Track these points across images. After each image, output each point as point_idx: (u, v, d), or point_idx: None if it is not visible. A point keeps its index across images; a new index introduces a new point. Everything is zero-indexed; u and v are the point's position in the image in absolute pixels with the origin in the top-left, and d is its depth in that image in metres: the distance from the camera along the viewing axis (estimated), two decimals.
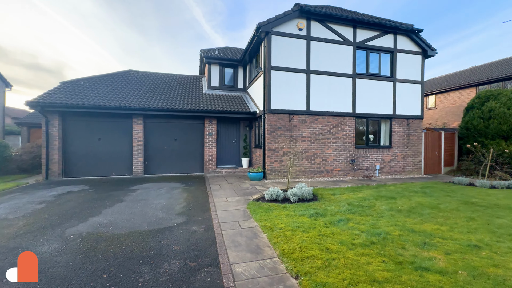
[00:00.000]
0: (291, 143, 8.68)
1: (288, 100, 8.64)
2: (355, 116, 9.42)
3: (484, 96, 10.48)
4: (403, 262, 2.83)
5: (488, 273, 2.59)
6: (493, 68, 15.16)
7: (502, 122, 9.35)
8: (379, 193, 6.64)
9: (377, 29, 9.61)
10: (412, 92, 10.28)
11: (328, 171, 9.12)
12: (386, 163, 9.92)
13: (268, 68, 8.39)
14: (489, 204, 5.56)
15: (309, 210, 4.84)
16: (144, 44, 72.30)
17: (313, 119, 8.94)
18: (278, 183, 7.85)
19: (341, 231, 3.79)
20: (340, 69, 9.22)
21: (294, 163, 8.69)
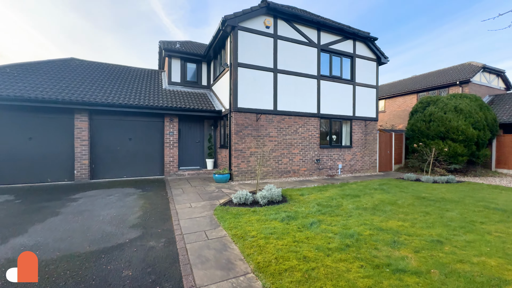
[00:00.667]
0: (259, 143, 8.44)
1: (255, 99, 8.39)
2: (319, 116, 9.66)
3: (425, 102, 11.82)
4: (379, 265, 2.75)
5: (457, 270, 2.66)
6: (430, 78, 17.38)
7: (440, 124, 10.63)
8: (344, 191, 6.82)
9: (338, 33, 10.03)
10: (368, 95, 11.03)
11: (295, 171, 9.16)
12: (347, 162, 10.43)
13: (235, 64, 8.00)
14: (436, 198, 6.13)
15: (280, 214, 4.62)
16: (93, 33, 64.38)
17: (280, 118, 8.87)
18: (246, 185, 7.53)
19: (315, 234, 3.64)
20: (305, 70, 9.34)
21: (262, 164, 8.47)
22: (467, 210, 5.08)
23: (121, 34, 71.80)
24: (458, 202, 5.70)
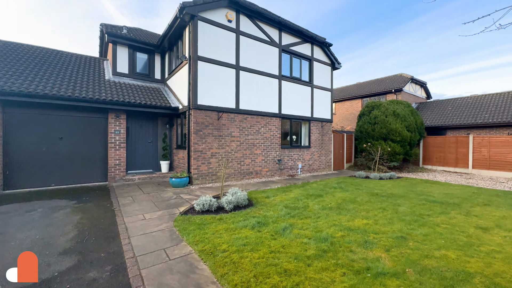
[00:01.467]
0: (220, 143, 7.94)
1: (217, 96, 7.86)
2: (281, 117, 9.68)
3: (370, 106, 13.12)
4: (360, 270, 2.67)
5: (427, 267, 2.77)
6: (372, 85, 19.54)
7: (383, 126, 11.92)
8: (307, 191, 6.90)
9: (298, 36, 10.25)
10: (324, 98, 11.63)
11: (257, 172, 8.95)
12: (306, 161, 10.76)
13: (194, 57, 7.33)
14: (387, 194, 6.70)
15: (249, 220, 4.29)
16: (19, 13, 52.41)
17: (243, 118, 8.54)
18: (207, 189, 6.95)
19: (290, 241, 3.42)
20: (268, 70, 9.23)
21: (226, 165, 7.99)
22: (413, 204, 5.64)
23: (51, 16, 60.63)
24: (404, 197, 6.33)
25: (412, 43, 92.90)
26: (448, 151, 12.44)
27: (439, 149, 12.77)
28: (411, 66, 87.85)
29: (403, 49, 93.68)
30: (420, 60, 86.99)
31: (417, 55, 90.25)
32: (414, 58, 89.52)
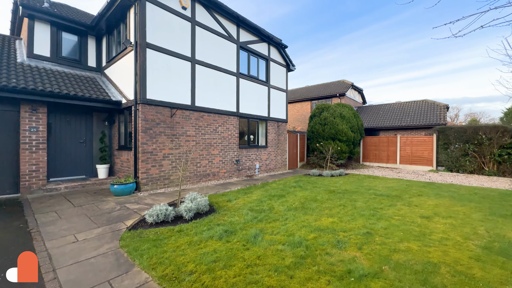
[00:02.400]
0: (174, 143, 7.10)
1: (170, 90, 7.00)
2: (239, 116, 9.35)
3: (320, 108, 14.02)
4: (342, 275, 2.56)
5: (398, 261, 2.85)
6: (319, 89, 21.08)
7: (331, 127, 12.86)
8: (268, 192, 6.76)
9: (256, 34, 10.11)
10: (280, 98, 11.83)
11: (215, 173, 8.40)
12: (263, 161, 10.70)
13: (142, 44, 6.33)
14: (342, 190, 7.11)
15: (215, 229, 3.81)
16: None
17: (199, 116, 7.86)
18: (160, 195, 6.07)
19: (264, 250, 3.12)
20: (225, 66, 8.77)
21: (179, 167, 7.19)
22: (366, 198, 6.09)
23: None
24: (357, 192, 6.81)
25: (348, 54, 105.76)
26: (381, 149, 14.28)
27: (375, 147, 14.55)
28: (350, 74, 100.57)
29: (342, 58, 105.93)
30: (357, 69, 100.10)
31: (354, 65, 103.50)
32: (352, 67, 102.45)
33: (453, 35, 2.66)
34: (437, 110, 15.03)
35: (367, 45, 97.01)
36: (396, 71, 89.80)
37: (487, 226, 4.09)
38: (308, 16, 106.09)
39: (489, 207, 5.31)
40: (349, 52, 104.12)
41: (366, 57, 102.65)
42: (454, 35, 2.65)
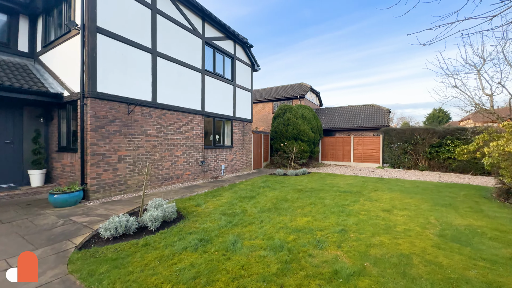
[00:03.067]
0: (132, 143, 6.30)
1: (127, 84, 6.18)
2: (204, 114, 8.87)
3: (284, 109, 14.39)
4: (330, 277, 2.53)
5: (376, 256, 2.98)
6: (280, 90, 21.69)
7: (294, 128, 13.32)
8: (238, 193, 6.55)
9: (222, 31, 9.76)
10: (245, 98, 11.70)
11: (178, 176, 7.78)
12: (229, 162, 10.41)
13: (92, 28, 5.43)
14: (308, 189, 7.34)
15: (187, 238, 3.45)
16: None
17: (161, 113, 7.16)
18: (115, 204, 5.28)
19: (247, 258, 2.92)
20: (190, 61, 8.21)
21: (139, 170, 6.41)
22: (332, 195, 6.39)
23: None
24: (323, 190, 7.11)
25: (303, 59, 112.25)
26: (338, 148, 15.41)
27: (332, 147, 15.62)
28: (306, 78, 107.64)
29: (298, 63, 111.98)
30: (312, 74, 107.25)
31: (309, 69, 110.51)
32: (307, 71, 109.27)
33: (421, 43, 2.90)
34: (382, 114, 16.95)
35: (321, 52, 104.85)
36: (344, 77, 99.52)
37: (435, 216, 4.66)
38: (267, 20, 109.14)
39: (431, 198, 6.12)
40: (305, 57, 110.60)
41: (320, 63, 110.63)
42: (422, 43, 2.89)
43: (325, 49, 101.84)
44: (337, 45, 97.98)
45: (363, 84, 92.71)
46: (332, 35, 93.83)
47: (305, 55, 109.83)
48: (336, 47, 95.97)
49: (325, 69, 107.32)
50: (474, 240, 3.51)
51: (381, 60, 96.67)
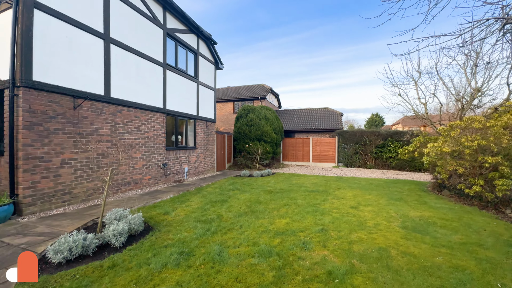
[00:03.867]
0: (79, 145, 5.31)
1: (73, 73, 5.19)
2: (166, 113, 8.14)
3: (247, 109, 14.35)
4: (327, 278, 2.53)
5: (359, 252, 3.12)
6: (241, 91, 21.63)
7: (258, 129, 13.40)
8: (207, 198, 6.20)
9: (184, 23, 9.14)
10: (209, 96, 11.23)
11: (137, 181, 6.93)
12: (192, 164, 9.81)
13: (28, 2, 4.36)
14: (278, 189, 7.41)
15: (164, 253, 3.04)
16: None
17: (115, 110, 6.26)
18: (60, 218, 4.35)
19: (238, 268, 2.71)
20: (150, 53, 7.42)
21: (85, 176, 5.43)
22: (302, 195, 6.58)
23: None
24: (292, 191, 7.27)
25: (260, 61, 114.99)
26: (298, 149, 16.15)
27: (292, 148, 16.29)
28: (263, 79, 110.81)
29: (254, 64, 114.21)
30: (268, 76, 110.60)
31: (265, 71, 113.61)
32: (263, 73, 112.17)
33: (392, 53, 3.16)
34: (336, 117, 18.49)
35: (276, 56, 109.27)
36: (296, 81, 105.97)
37: (394, 209, 5.22)
38: (223, 18, 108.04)
39: (385, 194, 6.87)
40: (261, 59, 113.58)
41: (274, 66, 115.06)
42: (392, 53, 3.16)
43: (280, 52, 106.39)
44: (290, 49, 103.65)
45: (314, 89, 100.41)
46: (286, 39, 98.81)
47: (261, 57, 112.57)
48: (289, 52, 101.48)
49: (279, 72, 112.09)
50: (430, 229, 4.03)
51: (330, 67, 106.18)
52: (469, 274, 2.61)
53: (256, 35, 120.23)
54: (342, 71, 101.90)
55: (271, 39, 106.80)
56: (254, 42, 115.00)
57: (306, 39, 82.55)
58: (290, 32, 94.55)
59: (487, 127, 5.74)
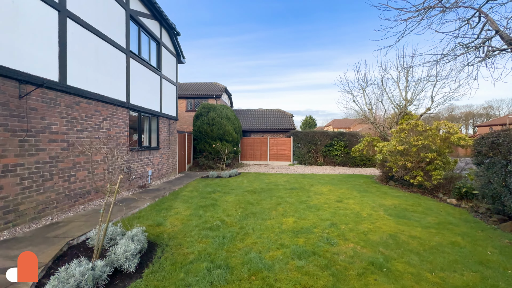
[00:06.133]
0: (26, 145, 4.00)
1: (18, 50, 3.87)
2: (129, 108, 6.98)
3: (207, 107, 13.70)
4: (374, 269, 2.74)
5: (378, 241, 3.49)
6: (194, 88, 20.48)
7: (219, 128, 12.99)
8: (190, 202, 5.72)
9: (148, 6, 8.03)
10: (171, 92, 10.22)
11: (98, 189, 5.70)
12: (156, 166, 8.73)
13: None
14: (259, 189, 7.41)
15: (198, 270, 2.68)
16: None
17: (73, 101, 4.99)
18: (14, 247, 3.16)
19: (290, 273, 2.65)
20: (112, 35, 6.21)
21: (35, 187, 4.14)
22: (287, 194, 6.78)
23: None
24: (273, 190, 7.38)
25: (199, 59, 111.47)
26: (256, 148, 16.46)
27: (250, 147, 16.50)
28: (211, 77, 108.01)
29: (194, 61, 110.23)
30: (213, 74, 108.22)
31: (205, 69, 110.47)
32: (202, 71, 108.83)
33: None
34: (288, 118, 19.71)
35: (216, 55, 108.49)
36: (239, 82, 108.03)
37: (370, 200, 6.01)
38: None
39: (352, 187, 7.81)
40: (203, 57, 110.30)
41: (215, 65, 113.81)
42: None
43: (222, 52, 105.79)
44: (232, 50, 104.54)
45: (253, 90, 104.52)
46: (228, 40, 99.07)
47: (203, 54, 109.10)
48: (232, 52, 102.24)
49: (222, 71, 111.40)
50: (407, 214, 4.84)
51: (267, 71, 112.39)
52: (464, 247, 3.31)
53: (198, 31, 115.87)
54: (278, 76, 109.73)
55: (212, 37, 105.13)
56: (195, 38, 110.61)
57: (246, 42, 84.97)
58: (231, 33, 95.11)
59: (426, 130, 7.28)
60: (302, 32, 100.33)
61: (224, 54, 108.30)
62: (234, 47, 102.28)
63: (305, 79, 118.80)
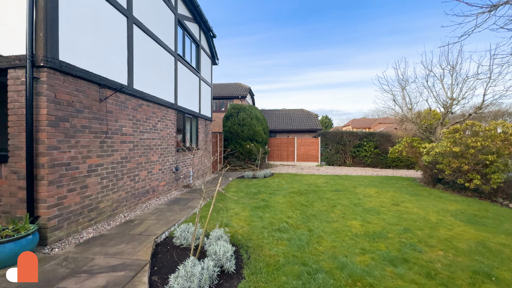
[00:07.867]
0: (105, 146, 4.20)
1: (99, 55, 4.06)
2: (176, 109, 7.15)
3: (237, 108, 13.81)
4: (485, 279, 2.59)
5: (469, 249, 3.31)
6: (220, 88, 20.74)
7: (250, 128, 13.04)
8: (242, 204, 5.74)
9: (191, 10, 8.19)
10: (207, 93, 10.39)
11: (154, 189, 5.89)
12: (196, 167, 8.91)
13: None
14: (303, 191, 7.32)
15: (297, 274, 2.64)
16: None
17: (137, 104, 5.19)
18: (107, 244, 3.32)
19: (391, 281, 2.54)
20: (165, 39, 6.40)
21: (110, 186, 4.33)
22: (335, 196, 6.64)
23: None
24: (317, 191, 7.26)
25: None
26: (283, 149, 16.37)
27: (277, 147, 16.44)
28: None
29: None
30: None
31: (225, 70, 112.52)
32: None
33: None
34: (312, 118, 19.44)
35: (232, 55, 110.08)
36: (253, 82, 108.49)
37: (427, 204, 5.75)
38: None
39: (398, 189, 7.53)
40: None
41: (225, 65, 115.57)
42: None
43: (236, 52, 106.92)
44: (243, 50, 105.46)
45: (266, 90, 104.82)
46: (242, 40, 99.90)
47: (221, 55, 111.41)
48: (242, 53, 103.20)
49: (237, 72, 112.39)
50: (479, 220, 4.57)
51: (280, 70, 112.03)
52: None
53: None
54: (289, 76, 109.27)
55: (226, 38, 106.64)
56: None
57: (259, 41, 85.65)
58: (244, 33, 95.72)
59: (484, 130, 6.87)
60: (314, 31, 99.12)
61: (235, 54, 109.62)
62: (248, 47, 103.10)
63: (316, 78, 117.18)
